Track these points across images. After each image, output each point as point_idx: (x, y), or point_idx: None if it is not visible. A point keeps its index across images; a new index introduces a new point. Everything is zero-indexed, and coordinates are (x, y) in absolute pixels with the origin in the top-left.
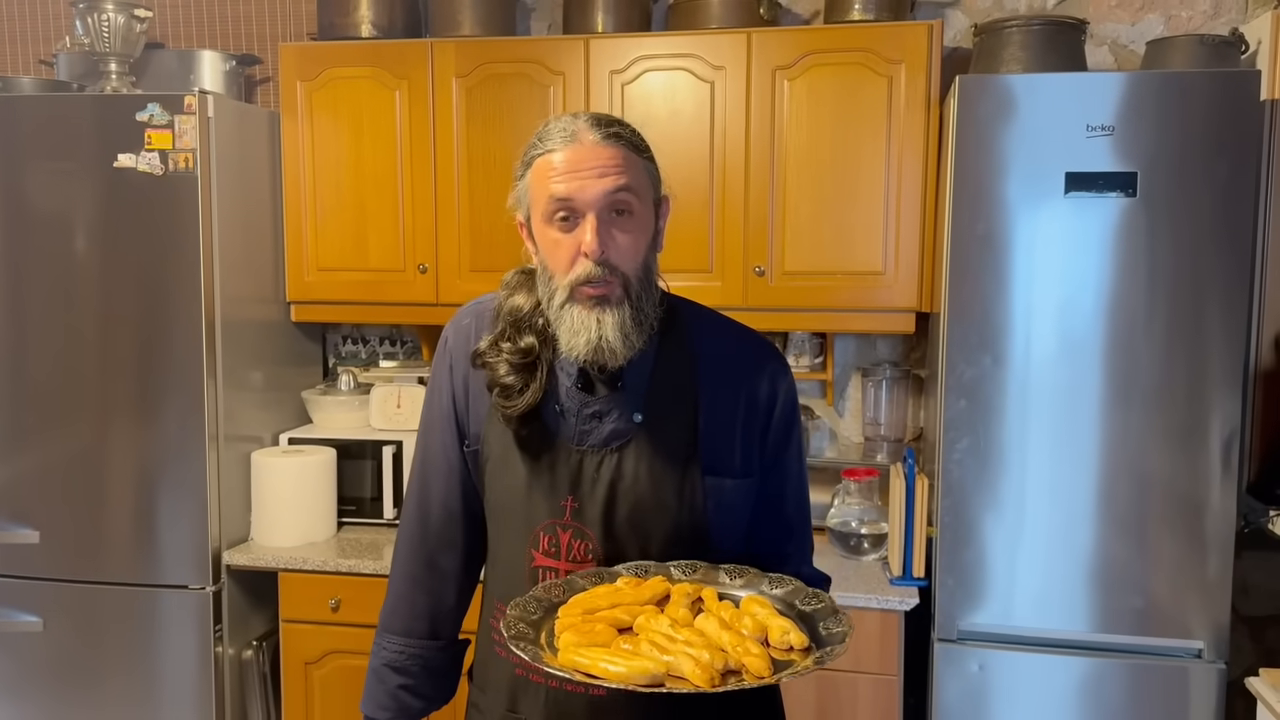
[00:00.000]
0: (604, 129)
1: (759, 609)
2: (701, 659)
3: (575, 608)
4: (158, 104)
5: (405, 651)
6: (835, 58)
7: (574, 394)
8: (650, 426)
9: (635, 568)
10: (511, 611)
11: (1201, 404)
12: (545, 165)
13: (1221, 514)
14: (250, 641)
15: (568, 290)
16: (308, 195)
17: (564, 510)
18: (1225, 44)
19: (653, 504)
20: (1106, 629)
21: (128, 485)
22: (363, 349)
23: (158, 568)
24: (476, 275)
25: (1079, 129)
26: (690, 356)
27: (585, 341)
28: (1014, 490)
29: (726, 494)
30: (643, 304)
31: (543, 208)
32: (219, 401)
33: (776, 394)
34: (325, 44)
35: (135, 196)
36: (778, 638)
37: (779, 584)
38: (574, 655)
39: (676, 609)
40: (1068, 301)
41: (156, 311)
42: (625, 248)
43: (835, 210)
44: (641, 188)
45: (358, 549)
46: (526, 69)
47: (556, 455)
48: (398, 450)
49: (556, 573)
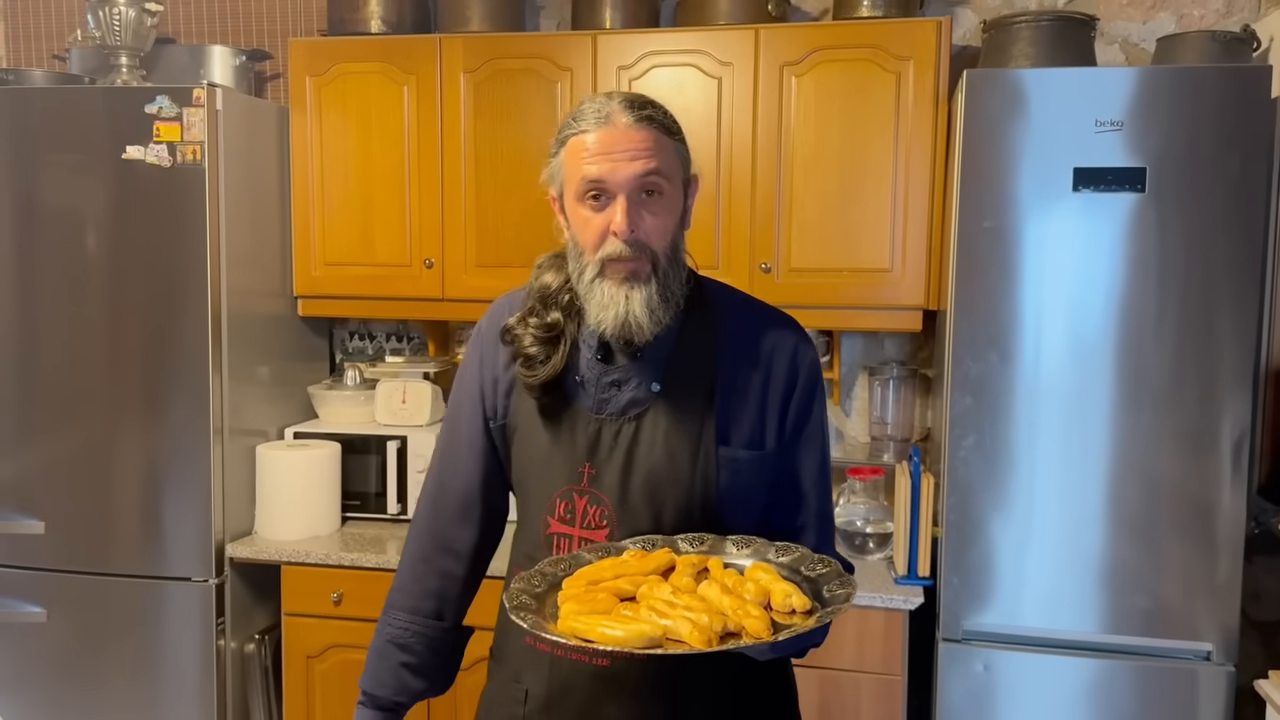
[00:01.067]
0: (637, 111)
1: (763, 574)
2: (700, 621)
3: (579, 580)
4: (166, 96)
5: (410, 629)
6: (843, 54)
7: (594, 364)
8: (668, 396)
9: (643, 541)
10: (515, 584)
11: (1211, 404)
12: (579, 145)
13: (1231, 515)
14: (253, 635)
15: (598, 266)
16: (315, 190)
17: (581, 476)
18: (1237, 40)
19: (667, 472)
20: (1114, 630)
21: (133, 477)
22: (369, 345)
23: (162, 559)
24: (482, 271)
25: (1088, 124)
26: (714, 332)
27: (614, 316)
28: (1021, 489)
29: (740, 466)
30: (670, 281)
31: (575, 187)
32: (224, 395)
33: (798, 370)
34: (334, 39)
35: (143, 189)
36: (780, 601)
37: (785, 551)
38: (573, 622)
39: (680, 578)
40: (1076, 299)
41: (164, 304)
42: (654, 227)
43: (842, 207)
44: (671, 169)
45: (361, 543)
46: (534, 65)
47: (576, 423)
48: (402, 446)
49: (570, 539)
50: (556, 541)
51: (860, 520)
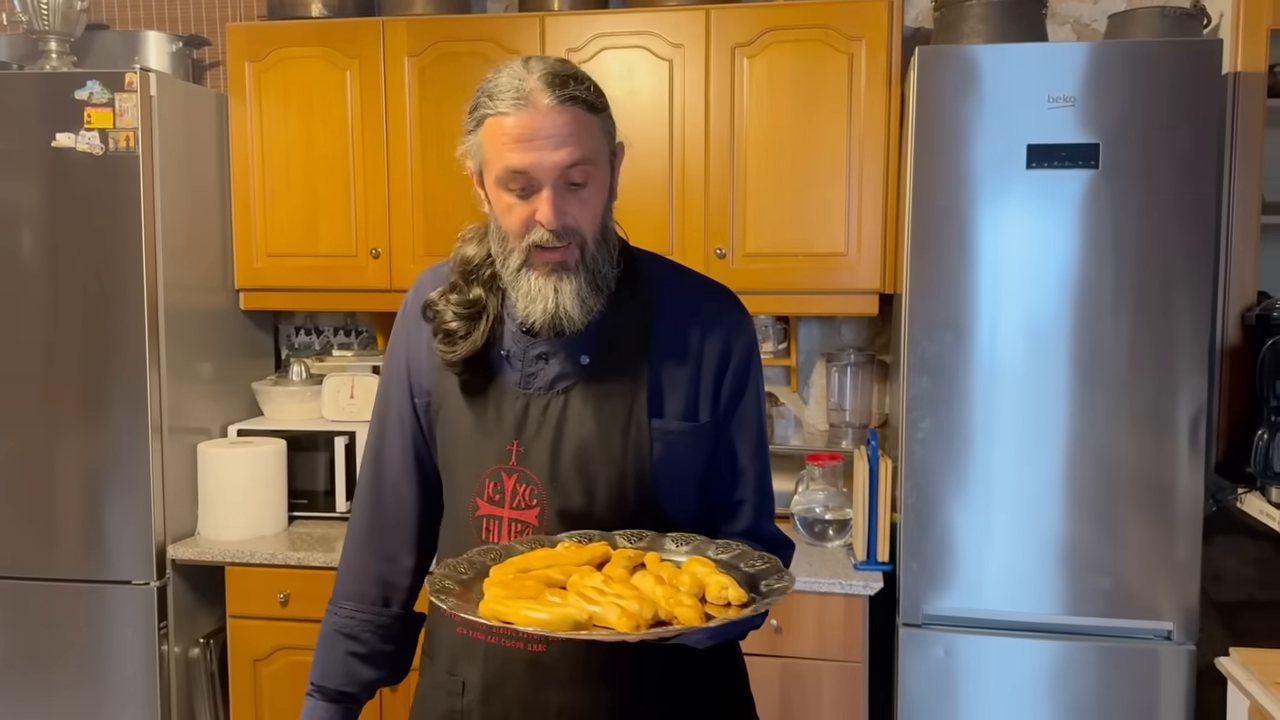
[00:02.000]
0: (558, 91)
1: (699, 568)
2: (629, 608)
3: (509, 567)
4: (97, 81)
5: (356, 617)
6: (795, 35)
7: (520, 338)
8: (597, 369)
9: (579, 535)
10: (440, 570)
11: (1168, 382)
12: (497, 128)
13: (1189, 494)
14: (197, 639)
15: (524, 254)
16: (256, 179)
17: (509, 455)
18: (1187, 16)
19: (598, 447)
20: (1074, 611)
21: (71, 479)
22: (316, 339)
23: (102, 563)
24: (431, 260)
25: (1040, 100)
26: (645, 303)
27: (542, 310)
28: (979, 472)
29: (674, 438)
30: (599, 265)
31: (496, 173)
32: (164, 393)
33: (733, 342)
34: (274, 24)
35: (75, 178)
36: (715, 593)
37: (726, 549)
38: (496, 606)
39: (614, 569)
40: (1031, 278)
41: (99, 298)
42: (582, 214)
43: (797, 191)
44: (598, 151)
45: (308, 542)
46: (481, 48)
47: (503, 400)
48: (350, 441)
49: (499, 520)
50: (486, 524)
51: (819, 507)
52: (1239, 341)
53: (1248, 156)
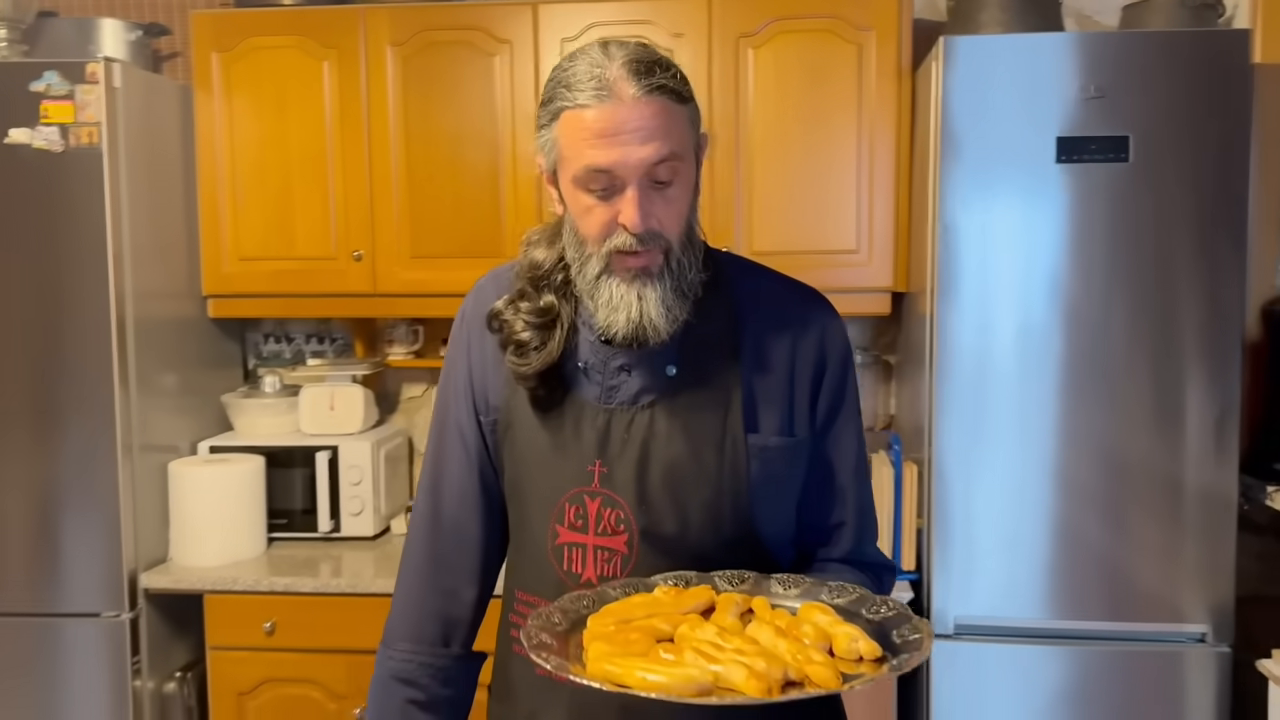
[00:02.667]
0: (644, 80)
1: (820, 616)
2: (756, 667)
3: (607, 617)
4: (56, 72)
5: (414, 660)
6: (802, 24)
7: (598, 348)
8: (685, 380)
9: (675, 577)
10: (533, 622)
11: (1197, 379)
12: (577, 123)
13: (1221, 493)
14: (173, 673)
15: (604, 260)
16: (225, 177)
17: (591, 476)
18: (1204, 6)
19: (690, 465)
20: (1107, 617)
21: (25, 504)
22: (287, 348)
23: (64, 595)
24: (419, 262)
25: (1071, 92)
26: (731, 306)
27: (626, 319)
28: (1008, 477)
29: (772, 455)
30: (685, 270)
31: (575, 171)
32: (132, 408)
33: (828, 349)
34: (244, 11)
35: (29, 177)
36: (844, 646)
37: (842, 593)
38: (605, 665)
39: (724, 617)
40: (1062, 273)
41: (55, 308)
42: (668, 215)
43: (805, 186)
44: (685, 146)
45: (292, 566)
46: (469, 36)
47: (581, 417)
48: (333, 456)
49: (584, 548)
50: (567, 552)
51: None
52: (1260, 336)
53: (1268, 149)
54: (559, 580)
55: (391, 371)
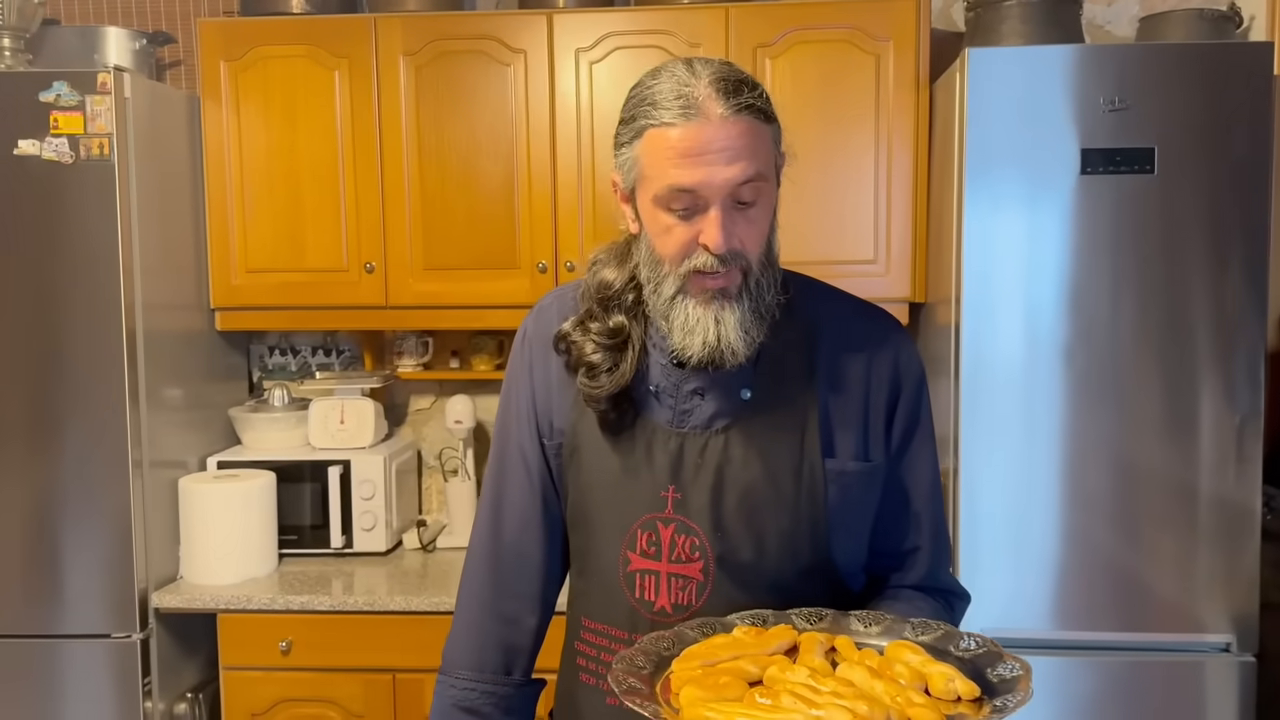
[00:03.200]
0: (733, 99)
1: (911, 655)
2: (859, 710)
3: (691, 659)
4: (65, 82)
5: (476, 689)
6: (820, 35)
7: (670, 371)
8: (760, 404)
9: (751, 616)
10: (618, 666)
11: (1221, 390)
12: (661, 141)
13: (1244, 503)
14: (184, 693)
15: (680, 280)
16: (234, 188)
17: (665, 502)
18: (1223, 18)
19: (767, 491)
20: (1129, 627)
21: (33, 523)
22: (293, 360)
23: (72, 616)
24: (431, 274)
25: (1095, 104)
26: (805, 328)
27: (702, 343)
28: (1036, 488)
29: (850, 480)
30: (763, 292)
31: (657, 190)
32: (142, 422)
33: (902, 372)
34: (252, 20)
35: (37, 189)
36: (941, 686)
37: (926, 630)
38: (704, 711)
39: (811, 658)
40: (1086, 284)
41: (63, 322)
42: (749, 236)
43: (822, 196)
44: (769, 167)
45: (306, 583)
46: (483, 46)
47: (653, 441)
48: (345, 471)
49: (656, 576)
50: (640, 580)
51: None
52: (1278, 346)
53: None
54: (631, 608)
55: (400, 384)
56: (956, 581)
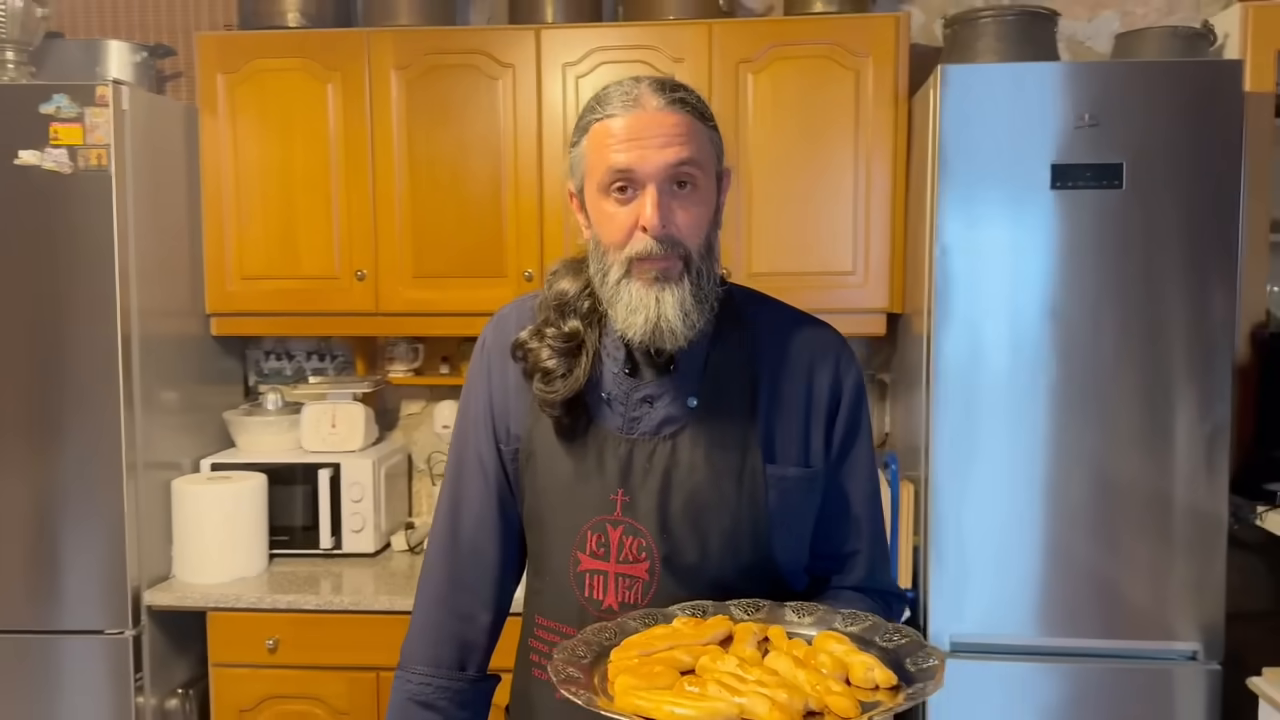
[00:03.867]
0: (668, 93)
1: (836, 645)
2: (779, 698)
3: (630, 649)
4: (65, 95)
5: (431, 683)
6: (800, 50)
7: (622, 379)
8: (706, 412)
9: (692, 607)
10: (558, 656)
11: (1191, 401)
12: (604, 132)
13: (1212, 513)
14: (175, 689)
15: (624, 265)
16: (230, 197)
17: (614, 505)
18: (1197, 36)
19: (711, 494)
20: (1101, 634)
21: (30, 521)
22: (288, 365)
23: (66, 612)
24: (421, 282)
25: (1065, 120)
26: (748, 340)
27: (644, 320)
28: (1005, 496)
29: (789, 486)
30: (703, 280)
31: (599, 177)
32: (137, 425)
33: (843, 382)
34: (249, 34)
35: (37, 198)
36: (860, 675)
37: (855, 621)
38: (634, 698)
39: (743, 648)
40: (1056, 298)
41: (62, 327)
42: (687, 222)
43: (802, 208)
44: (705, 159)
45: (295, 583)
46: (473, 60)
47: (604, 446)
48: (335, 473)
49: (605, 575)
50: (590, 579)
51: None
52: (1249, 359)
53: (1257, 175)
54: (580, 606)
55: (391, 389)
56: (895, 583)
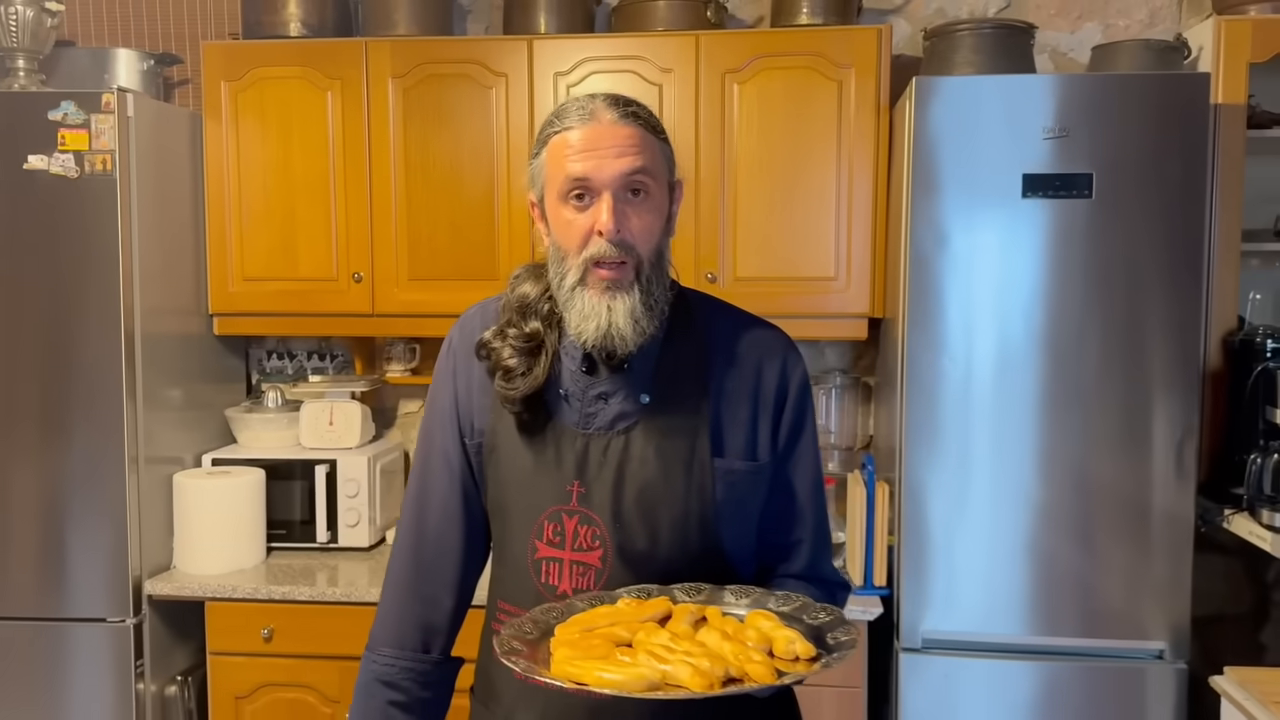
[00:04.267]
0: (622, 108)
1: (764, 621)
2: (700, 666)
3: (573, 626)
4: (72, 102)
5: (396, 664)
6: (785, 61)
7: (579, 377)
8: (658, 408)
9: (638, 590)
10: (506, 630)
11: (1158, 406)
12: (562, 144)
13: (1179, 515)
14: (174, 676)
15: (580, 270)
16: (232, 201)
17: (570, 495)
18: (1170, 49)
19: (661, 487)
20: (1068, 633)
21: (36, 512)
22: (289, 364)
23: (71, 600)
24: (415, 284)
25: (1036, 131)
26: (700, 340)
27: (595, 327)
28: (976, 496)
29: (736, 479)
30: (653, 288)
31: (558, 186)
32: (139, 421)
33: (789, 380)
34: (252, 43)
35: (46, 201)
36: (783, 648)
37: (787, 601)
38: (567, 667)
39: (678, 625)
40: (1024, 303)
41: (67, 325)
42: (640, 228)
43: (787, 215)
44: (657, 169)
45: (290, 575)
46: (467, 69)
47: (561, 440)
48: (331, 470)
49: (560, 563)
50: (546, 566)
51: None
52: (1220, 365)
53: (1229, 185)
54: (537, 592)
55: (389, 388)
56: (837, 572)
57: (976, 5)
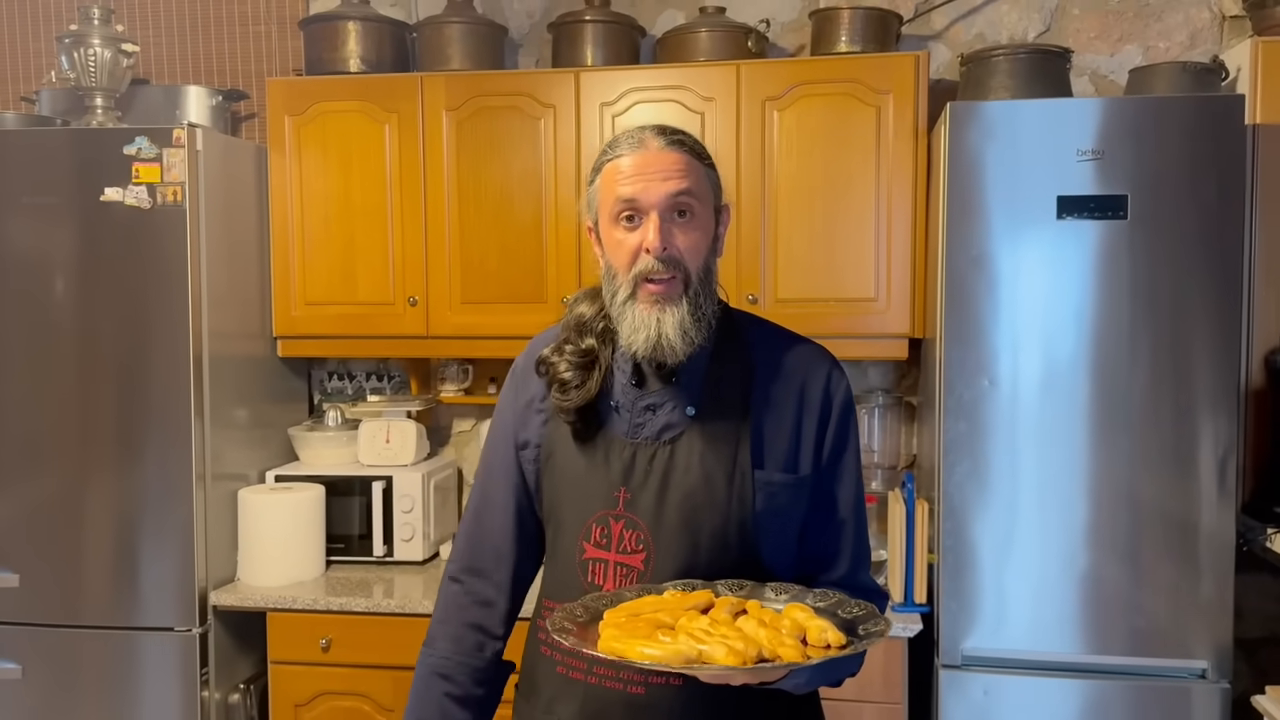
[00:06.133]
0: (669, 136)
1: (799, 613)
2: (735, 646)
3: (621, 611)
4: (145, 137)
5: (453, 659)
6: (824, 88)
7: (629, 389)
8: (703, 421)
9: (683, 584)
10: (558, 614)
11: (1198, 425)
12: (613, 170)
13: (1221, 534)
14: (237, 684)
15: (631, 286)
16: (295, 229)
17: (617, 501)
18: (1207, 71)
19: (703, 495)
20: (1111, 651)
21: (110, 526)
22: (349, 384)
23: (142, 610)
24: (467, 307)
25: (1069, 153)
26: (745, 356)
27: (645, 338)
28: (1014, 514)
29: (776, 489)
30: (701, 302)
31: (610, 209)
32: (206, 440)
33: (832, 396)
34: (314, 79)
35: (120, 231)
36: (815, 636)
37: (823, 598)
38: (612, 643)
39: (719, 613)
40: (1061, 324)
41: (140, 348)
42: (686, 246)
43: (827, 238)
44: (702, 191)
45: (348, 587)
46: (517, 101)
47: (611, 448)
48: (388, 486)
49: (606, 564)
50: (592, 566)
51: None
52: (1263, 384)
53: (1270, 205)
54: (583, 591)
55: (443, 407)
56: (875, 582)
57: (1016, 29)
